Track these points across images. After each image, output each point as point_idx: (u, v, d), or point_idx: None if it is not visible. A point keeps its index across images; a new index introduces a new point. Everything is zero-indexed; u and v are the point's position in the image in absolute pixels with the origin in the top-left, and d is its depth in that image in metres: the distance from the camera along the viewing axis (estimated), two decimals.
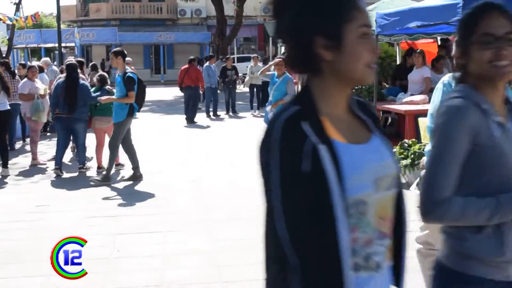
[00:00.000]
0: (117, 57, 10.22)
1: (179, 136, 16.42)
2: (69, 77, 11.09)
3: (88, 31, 45.63)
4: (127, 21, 50.46)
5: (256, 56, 24.25)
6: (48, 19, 51.47)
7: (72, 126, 11.12)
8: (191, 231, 7.44)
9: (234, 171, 11.09)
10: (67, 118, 10.96)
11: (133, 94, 10.07)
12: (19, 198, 9.42)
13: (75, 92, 10.89)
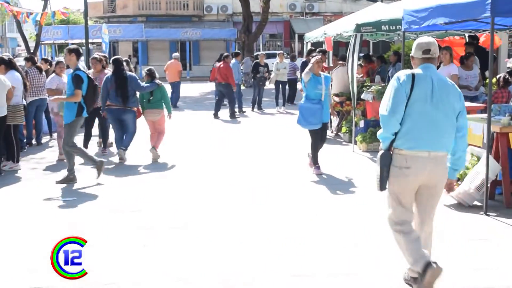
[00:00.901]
0: (71, 54, 10.11)
1: (204, 131, 16.43)
2: (117, 70, 11.85)
3: (115, 27, 45.84)
4: (153, 18, 50.64)
5: (282, 52, 24.19)
6: (75, 15, 51.79)
7: (122, 116, 11.86)
8: (213, 227, 7.45)
9: (256, 169, 11.09)
10: (118, 109, 11.78)
11: (79, 93, 9.82)
12: (46, 192, 9.47)
13: (125, 84, 11.68)
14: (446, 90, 5.22)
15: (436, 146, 5.16)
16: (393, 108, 5.14)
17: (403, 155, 5.15)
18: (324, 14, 49.83)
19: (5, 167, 11.11)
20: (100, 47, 32.39)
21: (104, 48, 26.52)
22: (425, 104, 5.14)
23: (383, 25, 12.74)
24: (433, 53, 5.32)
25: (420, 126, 5.13)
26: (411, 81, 5.15)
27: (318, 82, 10.29)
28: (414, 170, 5.13)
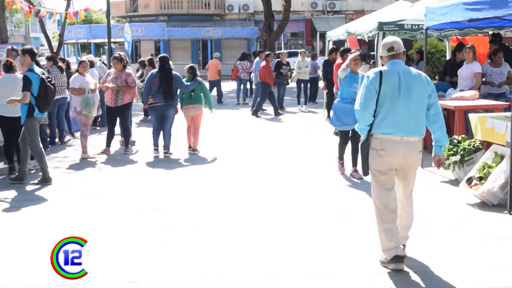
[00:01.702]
0: (24, 55, 10.16)
1: (225, 130, 16.45)
2: (162, 68, 12.40)
3: (137, 26, 46.10)
4: (175, 17, 50.80)
5: (304, 51, 24.14)
6: (98, 15, 52.10)
7: (165, 112, 12.42)
8: (239, 226, 7.47)
9: (279, 166, 11.09)
10: (162, 106, 12.33)
11: (27, 95, 9.78)
12: (69, 191, 9.55)
13: (170, 82, 12.25)
14: (412, 80, 5.91)
15: (408, 132, 5.88)
16: (365, 103, 5.93)
17: (378, 139, 5.94)
18: (346, 13, 49.70)
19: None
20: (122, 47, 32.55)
21: (126, 47, 26.65)
22: (394, 95, 5.85)
23: (405, 23, 12.69)
24: (397, 50, 6.02)
25: (392, 115, 5.85)
26: (379, 78, 5.89)
27: (354, 81, 9.88)
28: (388, 152, 5.89)
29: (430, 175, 9.99)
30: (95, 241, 6.94)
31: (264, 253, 6.41)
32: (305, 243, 6.72)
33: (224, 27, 49.01)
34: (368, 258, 6.18)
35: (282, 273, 5.82)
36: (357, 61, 10.07)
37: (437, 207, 8.08)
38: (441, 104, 11.36)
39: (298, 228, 7.29)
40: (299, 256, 6.31)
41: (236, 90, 25.12)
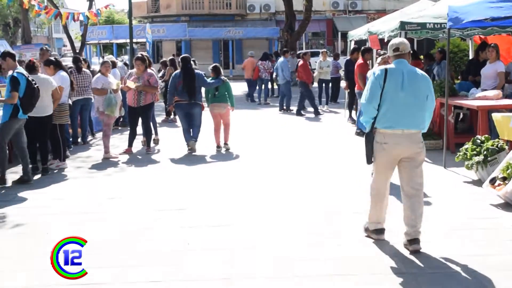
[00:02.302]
0: (5, 58, 10.31)
1: (246, 131, 16.46)
2: (185, 68, 12.82)
3: (159, 27, 46.26)
4: (196, 17, 50.91)
5: (325, 51, 24.10)
6: (120, 15, 52.38)
7: (190, 110, 12.79)
8: (260, 225, 7.46)
9: (301, 166, 11.07)
10: (187, 104, 12.71)
11: (15, 95, 9.79)
12: (92, 190, 9.61)
13: (193, 80, 12.63)
14: (415, 79, 6.38)
15: (408, 125, 6.35)
16: (370, 97, 6.42)
17: (382, 133, 6.41)
18: (368, 12, 49.53)
19: (52, 165, 11.28)
20: (144, 47, 32.70)
21: (148, 48, 26.77)
22: (397, 91, 6.31)
23: (427, 23, 12.61)
24: (402, 50, 6.49)
25: (394, 110, 6.33)
26: (384, 75, 6.37)
27: None
28: (390, 145, 6.38)
29: (453, 175, 9.93)
30: (116, 240, 6.98)
31: (285, 253, 6.41)
32: (324, 242, 6.71)
33: (245, 27, 49.01)
34: (383, 257, 6.17)
35: (308, 275, 5.81)
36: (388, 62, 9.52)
37: (460, 208, 8.02)
38: (464, 104, 11.42)
39: (319, 227, 7.28)
40: (319, 256, 6.30)
41: (258, 90, 25.11)
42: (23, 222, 7.87)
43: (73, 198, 9.09)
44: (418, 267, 5.93)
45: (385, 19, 17.16)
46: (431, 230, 7.04)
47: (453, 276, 5.69)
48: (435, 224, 7.30)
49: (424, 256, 6.21)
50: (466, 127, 12.62)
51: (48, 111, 10.83)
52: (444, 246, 6.48)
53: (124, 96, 14.31)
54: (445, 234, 6.92)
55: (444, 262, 6.03)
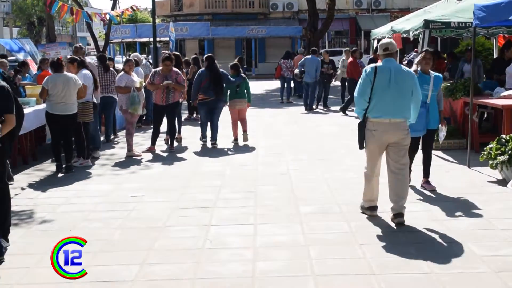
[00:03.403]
0: None
1: (270, 129, 16.46)
2: (210, 66, 13.37)
3: (182, 25, 46.36)
4: (219, 16, 50.95)
5: (348, 49, 24.02)
6: (143, 14, 52.64)
7: (214, 106, 13.40)
8: (282, 224, 7.46)
9: (323, 165, 11.03)
10: (212, 101, 13.27)
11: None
12: (115, 188, 9.66)
13: (218, 78, 13.23)
14: (401, 76, 7.29)
15: (394, 115, 7.26)
16: (361, 91, 7.36)
17: (372, 122, 7.34)
18: (391, 11, 49.28)
19: (76, 163, 11.37)
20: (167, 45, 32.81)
21: (171, 46, 26.84)
22: (385, 86, 7.22)
23: (452, 21, 12.53)
24: (390, 50, 7.40)
25: (383, 102, 7.23)
26: (374, 72, 7.28)
27: (425, 82, 8.76)
28: (379, 132, 7.30)
29: (477, 175, 9.85)
30: (140, 238, 7.02)
31: (307, 252, 6.40)
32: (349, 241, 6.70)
33: (268, 26, 48.97)
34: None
35: (328, 274, 5.81)
36: (428, 60, 8.98)
37: (484, 208, 7.95)
38: (489, 103, 11.33)
39: (340, 225, 7.28)
40: (342, 256, 6.29)
41: (280, 89, 25.09)
42: (48, 219, 7.94)
43: (96, 196, 9.14)
44: (442, 267, 5.89)
45: (409, 17, 17.08)
46: (454, 230, 7.00)
47: (476, 275, 5.66)
48: (458, 224, 7.25)
49: (445, 256, 6.18)
50: (491, 127, 12.51)
51: (73, 110, 10.90)
52: (467, 246, 6.44)
53: (147, 94, 14.40)
54: (468, 233, 6.87)
55: (471, 264, 5.99)
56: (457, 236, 6.79)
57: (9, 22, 59.45)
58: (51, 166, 11.37)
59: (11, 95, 6.68)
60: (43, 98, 11.00)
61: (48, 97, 10.76)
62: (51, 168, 11.28)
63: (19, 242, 6.91)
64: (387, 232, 7.04)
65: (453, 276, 5.64)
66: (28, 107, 11.66)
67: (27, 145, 11.88)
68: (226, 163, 11.59)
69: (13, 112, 6.59)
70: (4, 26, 57.34)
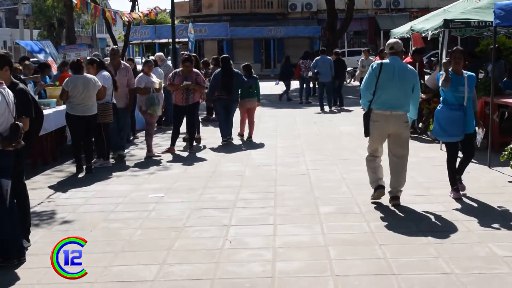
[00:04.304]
0: None
1: (290, 129, 16.45)
2: (225, 67, 13.95)
3: (201, 26, 46.44)
4: (238, 16, 50.96)
5: (367, 49, 23.96)
6: (162, 15, 52.82)
7: (229, 105, 14.03)
8: (302, 224, 7.45)
9: (343, 166, 11.01)
10: (226, 99, 13.92)
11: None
12: (135, 189, 9.70)
13: (231, 78, 13.80)
14: (404, 72, 7.96)
15: (396, 108, 7.95)
16: (367, 85, 8.06)
17: (375, 113, 8.02)
18: (411, 10, 49.02)
19: (96, 164, 11.43)
20: (186, 46, 32.89)
21: (190, 47, 26.90)
22: (388, 81, 7.87)
23: (472, 21, 12.45)
24: (396, 49, 8.07)
25: (385, 96, 7.90)
26: (379, 67, 7.95)
27: (459, 83, 8.32)
28: (380, 123, 8.01)
29: (498, 175, 9.80)
30: (160, 238, 7.04)
31: (327, 253, 6.40)
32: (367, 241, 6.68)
33: (287, 26, 48.94)
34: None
35: (347, 274, 5.80)
36: (459, 60, 8.48)
37: (505, 208, 7.90)
38: (509, 103, 11.24)
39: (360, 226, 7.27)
40: (360, 255, 6.28)
41: (299, 89, 25.09)
42: (69, 219, 7.99)
43: (116, 196, 9.18)
44: (463, 267, 5.85)
45: (428, 16, 16.99)
46: (475, 230, 6.97)
47: (497, 276, 5.62)
48: (479, 224, 7.21)
49: (466, 256, 6.15)
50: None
51: (93, 111, 10.96)
52: (488, 246, 6.40)
53: (167, 95, 14.45)
54: (489, 234, 6.83)
55: (487, 262, 5.96)
56: (478, 236, 6.76)
57: (29, 24, 59.86)
58: (71, 167, 11.44)
59: (30, 99, 6.77)
60: (64, 100, 11.07)
61: (68, 99, 10.83)
62: (71, 169, 11.35)
63: (40, 242, 6.96)
64: (407, 232, 7.01)
65: (474, 276, 5.61)
66: (48, 108, 11.76)
67: (48, 146, 11.96)
68: (245, 163, 11.59)
69: (31, 116, 6.66)
70: (24, 28, 57.72)
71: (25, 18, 59.16)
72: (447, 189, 8.71)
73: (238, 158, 12.22)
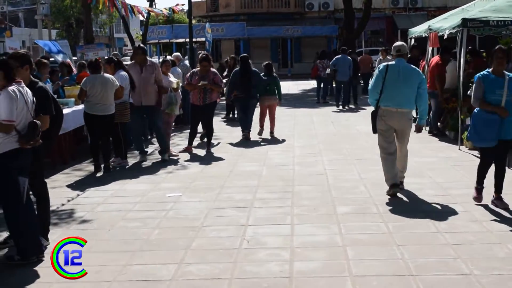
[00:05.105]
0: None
1: (307, 129, 16.43)
2: (243, 66, 14.54)
3: (218, 26, 46.44)
4: (255, 16, 50.92)
5: (384, 49, 23.87)
6: (179, 15, 52.88)
7: (247, 103, 14.58)
8: (320, 224, 7.44)
9: (361, 165, 10.98)
10: (244, 98, 14.46)
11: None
12: (153, 188, 9.73)
13: (249, 77, 14.33)
14: (408, 73, 8.68)
15: (401, 105, 8.61)
16: (375, 85, 8.73)
17: (382, 109, 8.69)
18: (428, 9, 48.75)
19: (114, 163, 11.47)
20: (203, 46, 32.94)
21: (207, 47, 26.94)
22: (394, 81, 8.55)
23: (491, 20, 12.37)
24: (402, 51, 8.83)
25: (391, 94, 8.58)
26: (385, 69, 8.65)
27: (498, 85, 7.70)
28: (387, 118, 8.67)
29: None
30: (178, 237, 7.06)
31: (344, 253, 6.39)
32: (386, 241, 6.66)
33: (304, 26, 48.82)
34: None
35: (365, 275, 5.78)
36: (501, 59, 7.84)
37: None
38: None
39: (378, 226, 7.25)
40: (385, 257, 6.26)
41: (316, 89, 25.07)
42: (87, 218, 8.03)
43: (134, 196, 9.22)
44: (482, 268, 5.82)
45: (446, 16, 16.89)
46: (494, 231, 6.93)
47: None
48: (498, 225, 7.19)
49: (485, 257, 6.13)
50: None
51: (110, 110, 11.01)
52: (507, 247, 6.37)
53: (184, 94, 14.49)
54: (508, 235, 6.80)
55: (506, 263, 5.92)
56: (497, 237, 6.73)
57: (47, 24, 60.21)
58: (89, 166, 11.50)
59: (50, 97, 6.84)
60: (82, 99, 11.14)
61: (86, 98, 10.89)
62: (89, 168, 11.41)
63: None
64: (425, 233, 6.98)
65: (493, 278, 5.58)
66: (66, 107, 11.83)
67: (66, 146, 12.02)
68: (262, 163, 11.58)
69: (50, 113, 6.73)
70: (43, 27, 58.07)
71: (44, 18, 59.55)
72: (465, 190, 8.67)
73: (255, 157, 12.22)
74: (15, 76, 6.28)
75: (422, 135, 13.59)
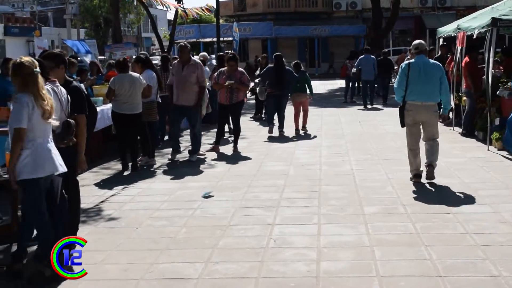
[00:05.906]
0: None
1: (334, 128, 16.39)
2: (277, 64, 14.99)
3: (245, 25, 46.50)
4: (282, 15, 50.91)
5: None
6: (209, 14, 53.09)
7: (280, 100, 15.07)
8: (347, 224, 7.41)
9: (388, 165, 10.92)
10: (277, 95, 14.91)
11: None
12: (180, 187, 9.77)
13: (283, 75, 14.84)
14: (430, 68, 9.21)
15: (425, 99, 9.18)
16: (399, 83, 9.28)
17: (408, 104, 9.24)
18: (457, 9, 48.35)
19: (141, 162, 11.53)
20: (230, 46, 33.00)
21: (234, 46, 26.99)
22: (417, 77, 9.12)
23: None
24: (421, 49, 9.36)
25: (416, 89, 9.13)
26: (407, 67, 9.23)
27: None
28: (413, 112, 9.26)
29: None
30: (205, 236, 7.08)
31: (371, 254, 6.36)
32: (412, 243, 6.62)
33: (331, 25, 48.72)
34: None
35: (393, 275, 5.75)
36: None
37: None
38: None
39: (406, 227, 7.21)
40: (413, 258, 6.23)
41: (344, 88, 25.02)
42: (115, 216, 8.10)
43: (161, 194, 9.26)
44: (509, 270, 5.76)
45: (475, 15, 16.74)
46: None
47: None
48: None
49: None
50: None
51: (138, 109, 11.07)
52: None
53: (212, 94, 14.52)
54: None
55: None
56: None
57: (76, 23, 60.67)
58: (117, 165, 11.58)
59: (84, 96, 6.89)
60: (110, 98, 11.21)
61: (114, 97, 10.96)
62: (117, 166, 11.49)
63: (86, 239, 7.03)
64: (453, 233, 6.93)
65: None
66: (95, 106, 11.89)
67: (95, 144, 12.10)
68: (289, 163, 11.57)
69: (85, 112, 6.78)
70: (71, 27, 58.52)
71: (72, 18, 59.98)
72: (494, 190, 8.59)
73: (282, 157, 12.21)
74: (49, 75, 6.30)
75: (452, 135, 13.51)
